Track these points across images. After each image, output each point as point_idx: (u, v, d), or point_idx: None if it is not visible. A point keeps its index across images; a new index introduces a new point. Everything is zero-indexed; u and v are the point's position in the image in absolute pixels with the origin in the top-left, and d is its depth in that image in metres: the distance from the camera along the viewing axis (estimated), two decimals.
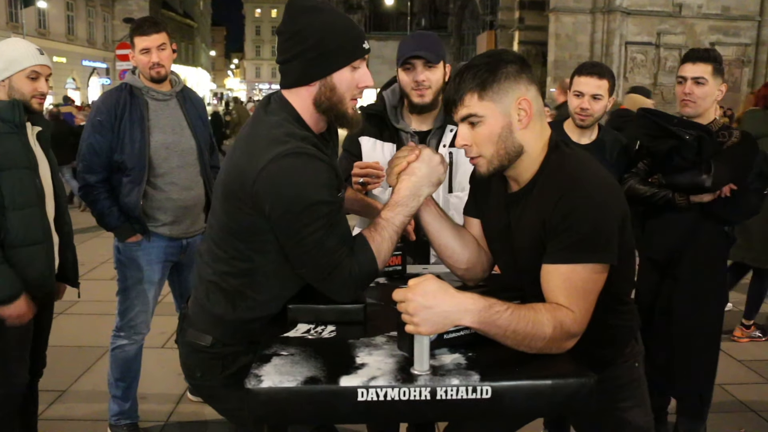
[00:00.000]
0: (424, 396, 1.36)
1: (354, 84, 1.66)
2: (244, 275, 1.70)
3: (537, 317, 1.45)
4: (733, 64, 22.28)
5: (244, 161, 1.59)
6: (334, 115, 1.69)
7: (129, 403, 3.16)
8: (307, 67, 1.63)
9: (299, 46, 1.61)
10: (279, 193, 1.53)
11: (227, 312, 1.73)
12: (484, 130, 1.56)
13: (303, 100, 1.66)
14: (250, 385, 1.36)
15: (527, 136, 1.58)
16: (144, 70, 2.95)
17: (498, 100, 1.54)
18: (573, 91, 2.92)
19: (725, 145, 2.72)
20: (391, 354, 1.51)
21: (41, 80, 2.52)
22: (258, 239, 1.64)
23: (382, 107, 2.47)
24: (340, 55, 1.63)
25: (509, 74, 1.54)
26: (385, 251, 1.66)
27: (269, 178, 1.52)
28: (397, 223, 1.67)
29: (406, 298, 1.38)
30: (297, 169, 1.52)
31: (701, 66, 2.73)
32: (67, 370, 3.79)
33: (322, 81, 1.64)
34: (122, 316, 3.08)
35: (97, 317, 4.75)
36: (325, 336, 1.63)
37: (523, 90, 1.55)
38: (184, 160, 3.00)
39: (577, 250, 1.50)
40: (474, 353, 1.50)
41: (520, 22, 25.40)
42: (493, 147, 1.57)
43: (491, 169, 1.60)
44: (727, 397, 3.71)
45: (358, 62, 1.65)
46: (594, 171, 1.59)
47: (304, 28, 1.60)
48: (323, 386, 1.37)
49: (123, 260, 3.04)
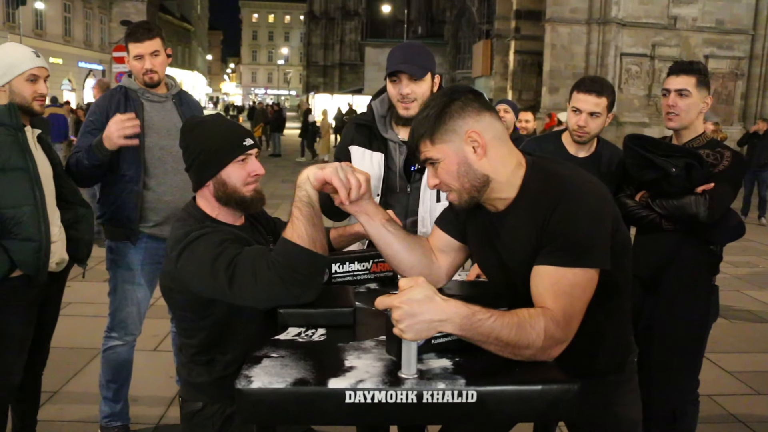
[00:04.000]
0: (411, 399, 1.39)
1: (245, 174, 1.92)
2: (210, 347, 1.92)
3: (521, 324, 1.47)
4: (726, 77, 22.42)
5: (166, 267, 1.91)
6: (234, 203, 1.94)
7: (120, 405, 3.16)
8: (198, 173, 1.94)
9: (190, 159, 1.96)
10: (193, 272, 1.78)
11: (207, 379, 1.94)
12: (443, 171, 1.63)
13: (207, 199, 1.96)
14: (240, 385, 1.39)
15: (488, 165, 1.61)
16: (137, 75, 2.98)
17: (447, 140, 1.60)
18: (571, 107, 2.89)
19: (717, 169, 2.67)
20: (379, 357, 1.53)
21: (40, 82, 2.56)
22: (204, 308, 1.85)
23: (371, 117, 2.52)
24: (221, 156, 1.91)
25: (453, 113, 1.60)
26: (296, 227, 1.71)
27: (182, 269, 1.81)
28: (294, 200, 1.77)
29: (393, 305, 1.40)
30: (196, 249, 1.80)
31: (684, 78, 2.72)
32: (58, 372, 3.79)
33: (213, 180, 1.92)
34: (113, 316, 3.09)
35: (90, 319, 4.76)
36: (315, 339, 1.66)
37: (471, 123, 1.59)
38: (179, 162, 3.00)
39: (568, 254, 1.53)
40: (461, 358, 1.52)
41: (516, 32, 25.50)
42: (458, 183, 1.63)
43: (463, 203, 1.67)
44: (715, 409, 3.74)
45: (243, 156, 1.92)
46: (584, 179, 1.64)
47: (190, 143, 1.95)
48: (312, 388, 1.40)
49: (115, 260, 3.06)
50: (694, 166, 2.60)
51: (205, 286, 1.77)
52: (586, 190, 1.60)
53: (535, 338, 1.47)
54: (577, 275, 1.53)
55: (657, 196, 2.71)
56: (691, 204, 2.61)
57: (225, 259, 1.73)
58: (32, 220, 2.45)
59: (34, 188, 2.47)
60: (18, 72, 2.51)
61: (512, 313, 1.49)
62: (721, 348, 4.62)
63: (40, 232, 2.47)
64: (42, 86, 2.57)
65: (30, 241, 2.44)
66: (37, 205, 2.47)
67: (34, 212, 2.46)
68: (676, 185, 2.62)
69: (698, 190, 2.62)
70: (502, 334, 1.45)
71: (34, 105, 2.56)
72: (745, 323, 5.45)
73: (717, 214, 2.63)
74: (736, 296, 6.22)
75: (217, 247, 1.76)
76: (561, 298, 1.52)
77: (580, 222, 1.54)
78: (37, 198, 2.47)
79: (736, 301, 6.06)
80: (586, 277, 1.55)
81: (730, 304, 5.71)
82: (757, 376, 4.26)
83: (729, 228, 2.77)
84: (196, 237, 1.80)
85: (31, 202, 2.45)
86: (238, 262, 1.72)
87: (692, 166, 2.60)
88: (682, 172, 2.59)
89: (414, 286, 1.42)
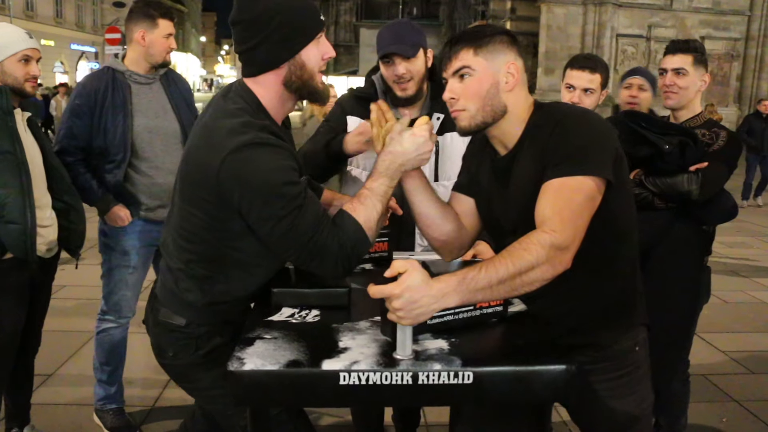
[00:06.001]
0: (406, 381, 1.37)
1: (320, 56, 1.67)
2: (210, 262, 1.71)
3: (512, 252, 1.42)
4: (722, 59, 22.39)
5: (204, 153, 1.58)
6: (307, 92, 1.68)
7: (115, 388, 3.15)
8: (273, 51, 1.62)
9: (262, 32, 1.60)
10: (247, 182, 1.52)
11: (198, 298, 1.74)
12: (473, 84, 1.63)
13: (268, 87, 1.66)
14: (232, 367, 1.37)
15: (511, 98, 1.66)
16: (160, 53, 2.94)
17: (490, 58, 1.63)
18: (565, 84, 2.88)
19: (711, 149, 2.66)
20: (374, 339, 1.52)
21: (32, 63, 2.53)
22: (222, 228, 1.63)
23: (373, 91, 2.45)
24: (305, 32, 1.63)
25: (503, 40, 1.65)
26: (372, 219, 1.62)
27: (233, 169, 1.51)
28: (380, 192, 1.65)
29: (393, 294, 1.36)
30: (260, 158, 1.52)
31: (681, 57, 2.70)
32: (52, 355, 3.77)
33: (290, 61, 1.63)
34: (107, 299, 3.07)
35: (84, 302, 4.74)
36: (309, 320, 1.64)
37: (512, 57, 1.65)
38: (168, 143, 2.98)
39: (568, 164, 1.52)
40: (457, 339, 1.51)
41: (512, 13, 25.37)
42: (480, 102, 1.64)
43: (473, 125, 1.66)
44: (710, 388, 3.76)
45: (320, 34, 1.67)
46: (587, 110, 1.72)
47: (263, 13, 1.59)
48: (305, 369, 1.38)
49: (108, 243, 3.04)
50: (689, 144, 2.58)
51: (249, 205, 1.53)
52: (588, 113, 1.67)
53: (536, 255, 1.41)
54: (577, 181, 1.51)
55: (650, 174, 2.69)
56: (683, 182, 2.59)
57: (293, 191, 1.52)
58: (16, 204, 2.41)
59: (21, 173, 2.43)
60: (10, 52, 2.46)
61: (500, 254, 1.45)
62: (716, 328, 4.64)
63: (25, 216, 2.43)
64: (34, 67, 2.54)
65: (14, 224, 2.42)
66: (23, 190, 2.43)
67: (19, 196, 2.42)
68: (669, 163, 2.59)
69: (691, 168, 2.60)
70: (501, 275, 1.40)
71: (27, 86, 2.51)
72: (738, 303, 5.47)
73: (709, 193, 2.60)
74: (730, 277, 6.24)
75: (286, 172, 1.53)
76: (559, 202, 1.49)
77: (578, 132, 1.57)
78: (23, 182, 2.43)
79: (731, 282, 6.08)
80: (588, 184, 1.51)
81: (723, 284, 5.72)
82: (752, 356, 4.28)
83: (721, 208, 2.75)
84: (260, 141, 1.53)
85: (17, 186, 2.41)
86: (305, 205, 1.54)
87: (686, 144, 2.58)
88: (676, 149, 2.57)
89: (410, 271, 1.38)
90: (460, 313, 1.56)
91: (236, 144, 1.51)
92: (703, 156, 2.61)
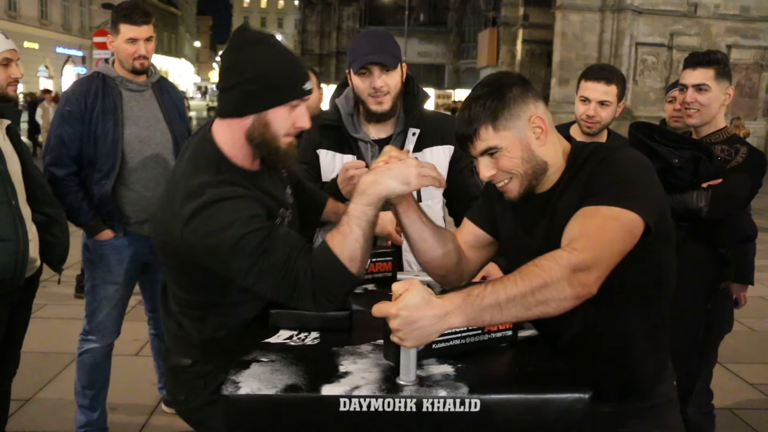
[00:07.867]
0: (410, 408, 1.38)
1: (290, 123, 1.72)
2: (203, 306, 1.83)
3: (523, 271, 1.41)
4: (750, 68, 22.42)
5: (168, 216, 1.69)
6: (267, 152, 1.74)
7: (97, 414, 3.15)
8: (242, 100, 1.69)
9: (238, 77, 1.68)
10: (206, 246, 1.62)
11: (198, 334, 1.86)
12: (505, 160, 1.63)
13: (233, 133, 1.72)
14: (226, 391, 1.38)
15: (549, 150, 1.66)
16: (126, 60, 2.95)
17: (512, 126, 1.61)
18: (579, 97, 2.89)
19: (729, 165, 2.61)
20: (376, 363, 1.53)
21: (13, 65, 2.54)
22: (207, 281, 1.74)
23: (338, 117, 2.43)
24: (278, 93, 1.69)
25: (516, 97, 1.62)
26: (349, 244, 1.61)
27: (193, 237, 1.61)
28: (357, 214, 1.63)
29: (390, 314, 1.37)
30: (215, 217, 1.60)
31: (702, 71, 2.66)
32: (31, 378, 3.77)
33: (256, 116, 1.69)
34: (90, 318, 3.08)
35: (65, 321, 4.75)
36: (308, 343, 1.65)
37: (532, 108, 1.63)
38: (159, 154, 3.01)
39: (608, 192, 1.52)
40: (463, 364, 1.52)
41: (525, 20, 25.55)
42: (520, 169, 1.64)
43: (522, 192, 1.67)
44: (736, 423, 3.73)
45: (297, 102, 1.71)
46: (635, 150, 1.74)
47: (245, 60, 1.68)
48: (304, 395, 1.39)
49: (92, 259, 3.05)
50: (702, 159, 2.54)
51: (217, 264, 1.64)
52: (633, 153, 1.68)
53: (550, 272, 1.38)
54: (614, 211, 1.48)
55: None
56: (693, 199, 2.55)
57: (253, 240, 1.58)
58: (7, 220, 2.40)
59: (6, 185, 2.42)
60: None
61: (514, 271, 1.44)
62: (742, 358, 4.62)
63: (17, 232, 2.43)
64: (15, 70, 2.55)
65: (5, 241, 2.40)
66: (10, 203, 2.43)
67: (7, 211, 2.41)
68: (680, 178, 2.56)
69: (704, 185, 2.56)
70: (509, 290, 1.37)
71: (9, 90, 2.54)
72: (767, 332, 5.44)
73: (720, 212, 2.56)
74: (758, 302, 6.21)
75: (242, 225, 1.59)
76: (589, 226, 1.47)
77: (625, 165, 1.58)
78: (9, 195, 2.43)
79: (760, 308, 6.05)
80: (627, 217, 1.48)
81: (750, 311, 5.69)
82: None
83: (737, 229, 2.71)
84: (215, 199, 1.60)
85: (4, 200, 2.41)
86: (270, 246, 1.59)
87: (699, 159, 2.54)
88: (689, 165, 2.54)
89: (409, 290, 1.38)
90: (467, 337, 1.57)
91: (190, 211, 1.60)
92: (719, 172, 2.56)
